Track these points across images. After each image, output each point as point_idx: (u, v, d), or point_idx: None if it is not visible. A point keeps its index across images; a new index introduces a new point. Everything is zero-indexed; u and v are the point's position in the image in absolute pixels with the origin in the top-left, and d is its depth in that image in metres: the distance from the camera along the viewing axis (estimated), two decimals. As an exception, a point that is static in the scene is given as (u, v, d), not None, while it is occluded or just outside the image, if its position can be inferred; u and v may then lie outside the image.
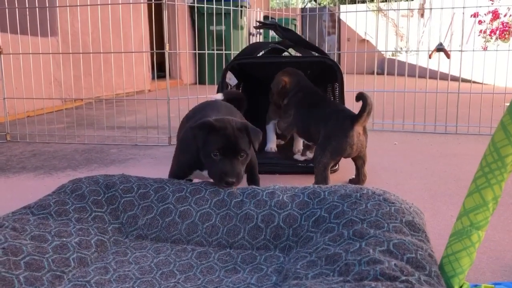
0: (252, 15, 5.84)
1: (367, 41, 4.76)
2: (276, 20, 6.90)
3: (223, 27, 6.49)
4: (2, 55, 2.77)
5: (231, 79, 2.10)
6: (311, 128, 1.78)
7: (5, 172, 2.05)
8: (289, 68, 2.02)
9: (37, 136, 2.81)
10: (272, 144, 2.25)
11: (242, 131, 1.24)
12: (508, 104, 0.80)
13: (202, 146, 1.22)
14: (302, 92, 1.89)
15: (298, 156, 2.07)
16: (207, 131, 1.21)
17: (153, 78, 5.95)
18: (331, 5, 15.94)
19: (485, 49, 7.26)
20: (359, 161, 1.73)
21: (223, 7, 3.07)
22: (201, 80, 5.59)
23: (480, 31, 7.88)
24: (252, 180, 1.45)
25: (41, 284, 0.86)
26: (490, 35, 7.93)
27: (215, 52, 3.00)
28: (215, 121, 1.24)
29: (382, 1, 10.74)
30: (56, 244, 0.96)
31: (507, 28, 7.45)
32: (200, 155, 1.25)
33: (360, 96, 1.61)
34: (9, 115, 2.95)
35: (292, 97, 1.91)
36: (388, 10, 5.41)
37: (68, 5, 3.21)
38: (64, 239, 0.99)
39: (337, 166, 1.97)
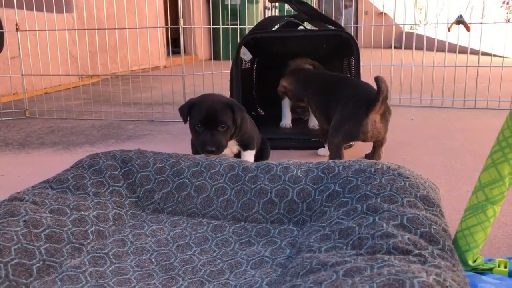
0: (268, -11, 5.74)
1: (385, 14, 4.66)
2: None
3: (238, 1, 6.40)
4: (19, 32, 2.79)
5: (246, 54, 2.08)
6: (331, 111, 1.73)
7: (24, 147, 2.09)
8: (289, 70, 1.99)
9: (55, 112, 2.85)
10: (286, 120, 2.25)
11: (226, 106, 1.36)
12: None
13: (188, 121, 1.37)
14: (313, 85, 1.84)
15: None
16: (189, 107, 1.36)
17: (168, 54, 5.94)
18: (349, -23, 15.56)
19: (508, 21, 7.04)
20: (377, 142, 1.70)
21: (237, -20, 3.02)
22: (216, 55, 5.56)
23: (503, 2, 7.64)
24: (261, 155, 1.58)
25: (61, 255, 0.88)
26: (513, 6, 7.68)
27: (230, 27, 2.98)
28: (198, 98, 1.39)
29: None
30: (75, 218, 0.99)
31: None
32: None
33: (376, 81, 1.54)
34: (27, 92, 2.99)
35: (307, 95, 1.88)
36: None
37: (82, -20, 3.20)
38: (83, 213, 1.01)
39: (352, 142, 1.96)
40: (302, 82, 1.89)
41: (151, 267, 0.90)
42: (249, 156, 1.50)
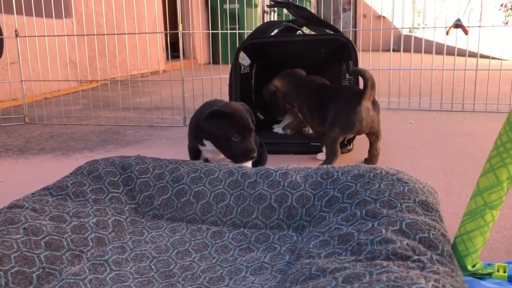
0: (266, -7, 5.76)
1: (383, 17, 4.67)
2: (291, -3, 6.80)
3: (236, 6, 6.42)
4: (18, 38, 2.79)
5: (244, 59, 2.09)
6: (324, 110, 1.78)
7: (24, 153, 2.09)
8: (283, 72, 2.04)
9: (54, 118, 2.85)
10: (283, 124, 2.25)
11: (248, 112, 1.37)
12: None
13: (218, 132, 1.32)
14: (305, 90, 1.91)
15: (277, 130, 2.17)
16: (219, 118, 1.31)
17: (167, 58, 5.95)
18: (347, -20, 15.57)
19: (506, 24, 7.06)
20: (372, 136, 1.74)
21: (236, -15, 3.03)
22: (215, 59, 5.56)
23: (501, 5, 7.66)
24: (259, 161, 1.57)
25: (61, 263, 0.89)
26: None
27: (229, 31, 2.98)
28: (223, 108, 1.34)
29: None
30: (74, 225, 0.99)
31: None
32: (214, 141, 1.35)
33: (357, 72, 1.66)
34: (27, 97, 3.00)
35: (298, 99, 1.93)
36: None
37: (81, -14, 3.21)
38: (82, 220, 1.02)
39: (351, 146, 1.96)
40: (295, 87, 1.94)
41: (151, 274, 0.90)
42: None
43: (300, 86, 1.93)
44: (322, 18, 2.28)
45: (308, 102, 1.87)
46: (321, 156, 1.85)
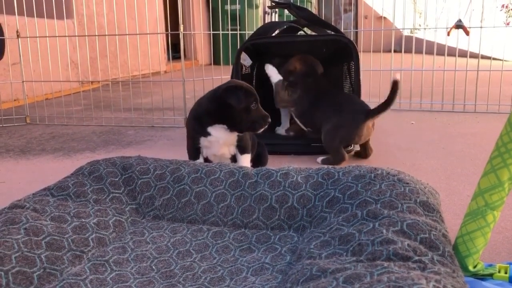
0: (267, -6, 5.76)
1: (385, 18, 4.68)
2: (292, -2, 6.79)
3: (237, 6, 6.42)
4: (20, 38, 2.80)
5: (246, 60, 2.09)
6: (317, 115, 1.82)
7: (25, 154, 2.09)
8: (309, 56, 2.03)
9: (55, 119, 2.85)
10: (285, 126, 2.25)
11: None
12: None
13: (240, 104, 1.40)
14: (313, 78, 1.92)
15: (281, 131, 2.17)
16: (236, 92, 1.41)
17: (168, 59, 5.96)
18: (348, -19, 15.56)
19: (507, 24, 7.05)
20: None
21: (237, -14, 3.03)
22: (216, 60, 5.56)
23: (502, 6, 7.65)
24: (259, 161, 1.64)
25: (61, 263, 0.89)
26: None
27: (230, 32, 2.98)
28: (231, 83, 1.45)
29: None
30: (75, 225, 0.99)
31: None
32: (234, 116, 1.42)
33: (392, 88, 1.69)
34: (28, 98, 3.00)
35: (300, 78, 1.93)
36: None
37: (82, -13, 3.21)
38: (83, 220, 1.02)
39: (352, 147, 1.96)
40: (302, 85, 1.94)
41: (152, 274, 0.90)
42: (246, 160, 1.51)
43: (306, 88, 1.94)
44: (323, 19, 2.28)
45: (301, 106, 1.91)
46: (323, 160, 1.85)
